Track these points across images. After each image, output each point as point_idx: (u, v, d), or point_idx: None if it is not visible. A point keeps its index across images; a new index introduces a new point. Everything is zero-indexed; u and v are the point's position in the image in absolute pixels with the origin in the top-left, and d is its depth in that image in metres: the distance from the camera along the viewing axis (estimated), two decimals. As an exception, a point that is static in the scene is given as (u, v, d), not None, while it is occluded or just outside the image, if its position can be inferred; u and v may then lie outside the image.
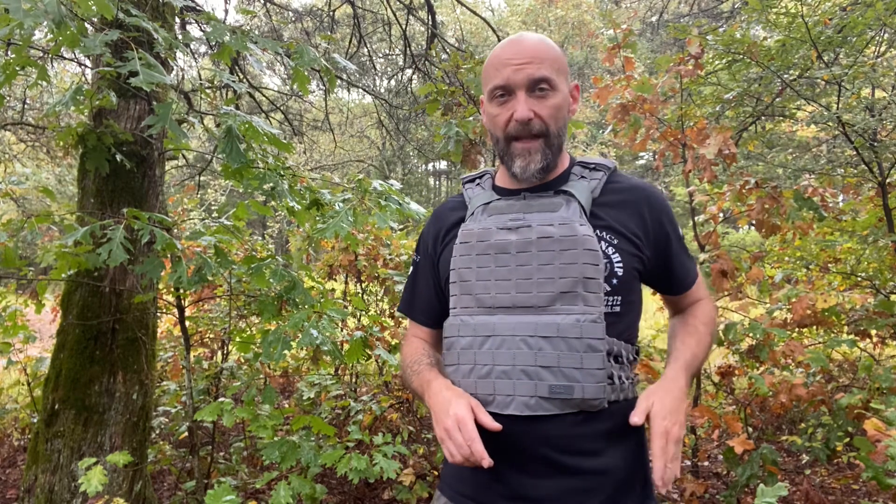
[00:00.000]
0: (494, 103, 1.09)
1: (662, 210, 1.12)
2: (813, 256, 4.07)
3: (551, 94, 1.06)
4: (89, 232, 1.89)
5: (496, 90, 1.07)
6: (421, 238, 1.26)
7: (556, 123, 1.07)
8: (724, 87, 4.04)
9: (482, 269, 1.06)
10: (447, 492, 1.12)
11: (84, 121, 2.72)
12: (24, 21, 1.47)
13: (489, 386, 1.02)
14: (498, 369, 1.01)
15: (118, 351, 2.55)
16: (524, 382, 0.99)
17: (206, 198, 10.93)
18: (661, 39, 14.91)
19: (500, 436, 0.99)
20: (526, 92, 1.05)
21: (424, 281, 1.23)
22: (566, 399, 0.98)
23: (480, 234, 1.08)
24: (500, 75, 1.06)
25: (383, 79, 14.35)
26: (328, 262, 4.00)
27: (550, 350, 0.99)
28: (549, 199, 1.07)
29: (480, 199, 1.14)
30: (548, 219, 1.04)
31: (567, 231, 1.02)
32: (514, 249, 1.04)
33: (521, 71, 1.04)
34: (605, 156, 16.53)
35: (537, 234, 1.03)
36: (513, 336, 1.01)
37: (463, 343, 1.06)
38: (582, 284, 1.00)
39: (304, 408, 3.39)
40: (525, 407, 0.99)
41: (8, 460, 3.78)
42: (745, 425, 2.93)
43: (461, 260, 1.08)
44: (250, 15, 2.94)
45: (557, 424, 1.00)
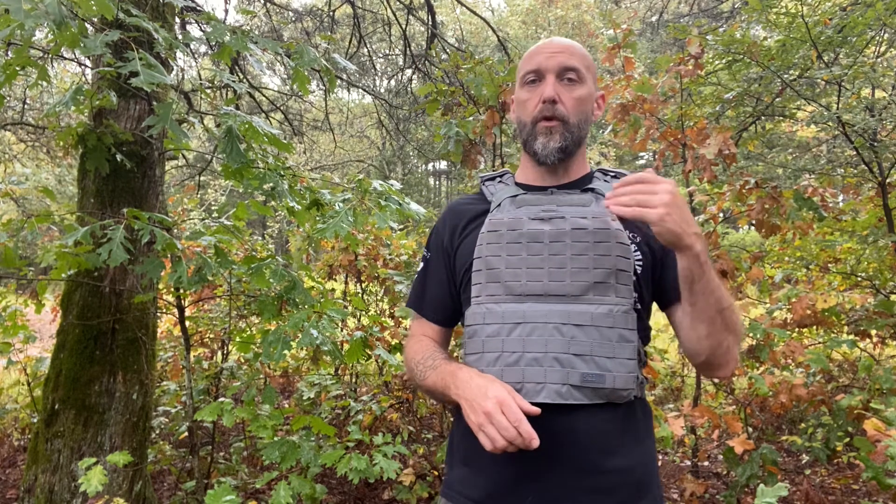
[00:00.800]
0: (525, 89, 1.13)
1: None
2: (813, 256, 4.07)
3: (578, 85, 1.11)
4: (89, 232, 1.89)
5: (528, 74, 1.12)
6: (434, 233, 1.24)
7: (577, 115, 1.11)
8: (724, 87, 4.04)
9: (512, 258, 1.06)
10: (455, 498, 1.09)
11: (84, 121, 2.72)
12: (24, 22, 1.47)
13: (517, 374, 1.00)
14: (528, 356, 1.00)
15: (118, 351, 2.55)
16: (556, 370, 0.98)
17: (206, 198, 10.93)
18: (661, 39, 14.90)
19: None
20: (555, 77, 1.10)
21: (437, 277, 1.21)
22: (597, 388, 0.98)
23: (511, 223, 1.08)
24: (534, 61, 1.12)
25: (383, 79, 14.35)
26: (328, 262, 4.00)
27: (584, 338, 0.99)
28: (579, 196, 1.10)
29: (506, 192, 1.15)
30: (581, 212, 1.06)
31: (601, 224, 1.04)
32: (547, 239, 1.05)
33: (553, 58, 1.10)
34: (605, 156, 16.51)
35: (571, 226, 1.04)
36: (546, 323, 1.00)
37: (489, 331, 1.04)
38: (615, 276, 1.01)
39: (304, 408, 3.39)
40: (557, 395, 0.98)
41: (8, 460, 3.78)
42: (745, 425, 2.93)
43: (489, 248, 1.08)
44: (250, 15, 2.94)
45: (585, 418, 0.99)
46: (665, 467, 3.75)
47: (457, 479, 1.11)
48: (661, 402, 4.84)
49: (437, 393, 1.08)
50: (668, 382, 5.05)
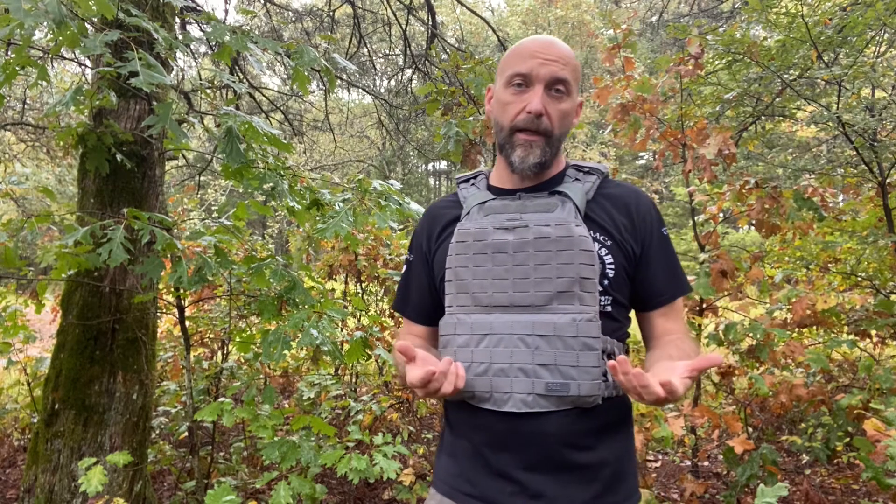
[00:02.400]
0: (510, 90, 1.09)
1: (650, 209, 1.14)
2: (813, 256, 4.07)
3: (565, 99, 1.09)
4: (89, 232, 1.89)
5: (516, 76, 1.08)
6: (414, 237, 1.27)
7: (561, 128, 1.10)
8: (724, 87, 4.04)
9: (479, 269, 1.07)
10: (442, 488, 1.13)
11: (84, 121, 2.72)
12: (24, 21, 1.47)
13: (486, 383, 1.03)
14: (495, 367, 1.03)
15: (118, 351, 2.55)
16: (521, 380, 1.01)
17: (206, 198, 10.94)
18: (661, 39, 14.91)
19: (498, 432, 1.03)
20: (544, 87, 1.07)
21: (418, 279, 1.24)
22: (562, 396, 1.00)
23: (477, 233, 1.09)
24: (525, 64, 1.07)
25: (383, 79, 14.35)
26: (328, 262, 4.00)
27: (547, 348, 1.00)
28: (545, 200, 1.09)
29: (476, 198, 1.15)
30: (544, 219, 1.06)
31: (563, 231, 1.03)
32: (511, 249, 1.05)
33: (547, 66, 1.07)
34: (605, 156, 16.51)
35: (534, 235, 1.05)
36: (510, 335, 1.02)
37: (459, 341, 1.07)
38: (578, 284, 1.01)
39: (304, 408, 3.39)
40: (522, 404, 1.01)
41: (8, 460, 3.78)
42: (745, 425, 2.93)
43: (457, 259, 1.09)
44: (250, 15, 2.94)
45: (553, 421, 1.02)
46: (665, 467, 3.75)
47: (444, 469, 1.14)
48: (661, 402, 4.83)
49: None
50: (668, 382, 5.04)
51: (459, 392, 1.04)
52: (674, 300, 1.13)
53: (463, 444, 1.11)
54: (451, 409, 1.15)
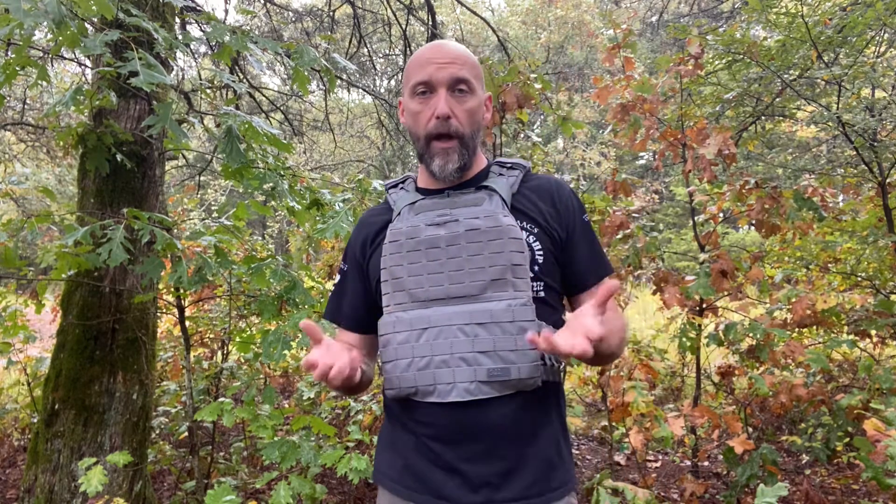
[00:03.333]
0: (416, 100, 1.13)
1: (571, 197, 1.19)
2: (813, 256, 4.07)
3: (469, 97, 1.13)
4: (89, 232, 1.89)
5: (418, 86, 1.12)
6: (348, 247, 1.29)
7: (471, 126, 1.14)
8: (724, 87, 4.04)
9: (413, 265, 1.09)
10: (389, 485, 1.15)
11: (84, 121, 2.72)
12: (24, 21, 1.47)
13: (429, 377, 1.05)
14: (437, 359, 1.05)
15: (118, 351, 2.55)
16: (463, 369, 1.03)
17: (206, 198, 10.93)
18: (661, 39, 14.91)
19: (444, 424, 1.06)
20: (447, 90, 1.11)
21: (352, 287, 1.26)
22: (504, 381, 1.03)
23: (409, 231, 1.11)
24: (424, 72, 1.11)
25: (383, 79, 14.35)
26: (328, 262, 4.00)
27: (486, 335, 1.03)
28: (473, 195, 1.13)
29: (405, 199, 1.18)
30: (474, 212, 1.10)
31: (492, 223, 1.07)
32: (443, 243, 1.09)
33: (444, 69, 1.10)
34: (605, 156, 16.49)
35: (465, 227, 1.08)
36: (449, 325, 1.05)
37: (399, 338, 1.08)
38: (511, 271, 1.05)
39: (304, 408, 3.39)
40: (466, 392, 1.03)
41: (8, 460, 3.78)
42: (745, 425, 2.93)
43: (392, 258, 1.12)
44: (250, 15, 2.94)
45: (497, 410, 1.05)
46: (665, 467, 3.75)
47: (387, 464, 1.17)
48: (661, 402, 4.84)
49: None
50: (668, 382, 5.05)
51: (401, 389, 1.08)
52: (599, 282, 1.17)
53: (406, 438, 1.13)
54: (393, 403, 1.16)
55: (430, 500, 1.08)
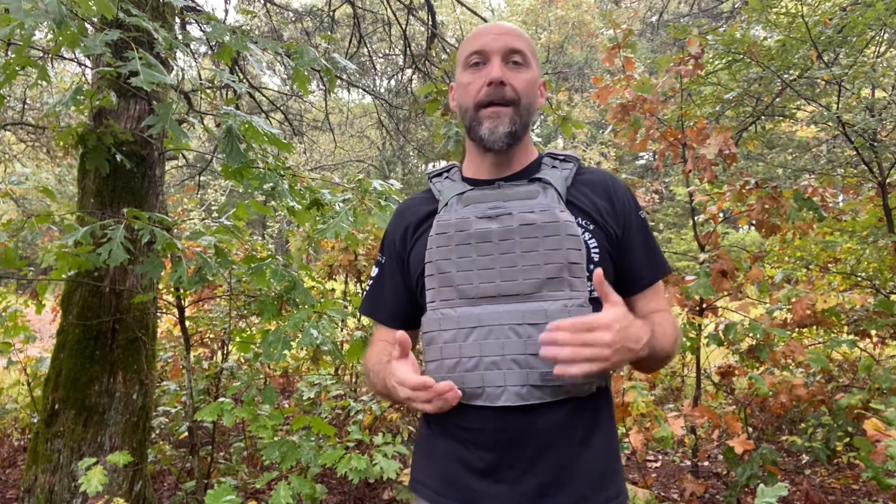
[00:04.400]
0: (468, 72, 1.08)
1: (626, 192, 1.13)
2: (813, 256, 4.07)
3: (524, 69, 1.07)
4: (89, 232, 1.89)
5: (472, 56, 1.08)
6: (386, 236, 1.22)
7: (526, 96, 1.07)
8: (724, 87, 4.04)
9: (462, 260, 1.03)
10: (426, 493, 1.08)
11: (84, 121, 2.72)
12: (25, 21, 1.47)
13: (477, 379, 0.99)
14: (486, 360, 0.99)
15: (118, 351, 2.55)
16: (515, 372, 0.97)
17: (206, 198, 10.93)
18: (661, 39, 14.90)
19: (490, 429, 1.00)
20: (501, 59, 1.06)
21: (392, 280, 1.18)
22: (557, 386, 0.97)
23: (458, 223, 1.05)
24: (478, 41, 1.07)
25: (383, 79, 14.35)
26: (328, 262, 4.00)
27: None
28: (526, 188, 1.06)
29: (453, 190, 1.12)
30: (528, 206, 1.03)
31: (549, 217, 1.01)
32: (496, 238, 1.02)
33: (499, 39, 1.06)
34: (605, 156, 16.50)
35: (519, 222, 1.02)
36: (500, 325, 0.99)
37: (446, 337, 1.02)
38: (567, 270, 0.99)
39: (304, 408, 3.39)
40: (517, 397, 0.97)
41: (8, 460, 3.78)
42: (745, 425, 2.93)
43: (438, 252, 1.05)
44: (250, 15, 2.94)
45: (547, 415, 0.99)
46: (665, 467, 3.75)
47: (423, 471, 1.11)
48: (661, 402, 4.84)
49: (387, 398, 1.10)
50: (668, 382, 5.05)
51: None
52: (654, 283, 1.12)
53: (446, 444, 1.07)
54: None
55: None
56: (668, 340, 1.04)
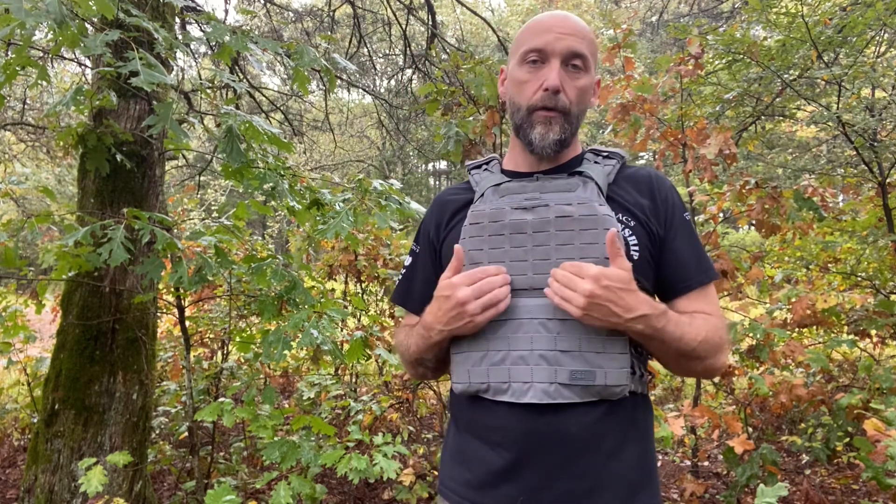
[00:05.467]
0: (525, 67, 1.04)
1: (671, 191, 1.09)
2: (813, 256, 4.07)
3: (583, 75, 1.04)
4: (89, 232, 1.89)
5: (531, 52, 1.03)
6: (421, 226, 1.20)
7: (579, 105, 1.05)
8: (724, 87, 4.04)
9: (495, 251, 1.00)
10: (452, 498, 1.05)
11: (84, 121, 2.72)
12: (25, 21, 1.47)
13: (503, 373, 0.96)
14: (514, 354, 0.96)
15: (118, 351, 2.55)
16: (543, 368, 0.94)
17: (206, 198, 10.93)
18: (661, 39, 14.90)
19: (516, 429, 0.97)
20: (561, 63, 1.02)
21: (424, 270, 1.17)
22: (587, 386, 0.93)
23: (493, 214, 1.02)
24: (540, 38, 1.02)
25: (383, 79, 14.35)
26: (328, 262, 4.00)
27: (570, 334, 0.94)
28: (565, 181, 1.03)
29: (490, 181, 1.09)
30: (566, 198, 1.00)
31: (587, 210, 0.97)
32: (530, 229, 0.99)
33: (562, 40, 1.01)
34: (605, 156, 16.49)
35: (555, 214, 0.98)
36: (531, 319, 0.96)
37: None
38: (604, 264, 0.94)
39: (304, 408, 3.39)
40: (544, 394, 0.94)
41: (8, 460, 3.78)
42: (745, 425, 2.93)
43: (471, 241, 1.03)
44: (250, 15, 2.94)
45: (577, 418, 0.95)
46: (665, 467, 3.75)
47: (450, 476, 1.08)
48: (661, 402, 4.84)
49: (423, 348, 1.07)
50: (668, 382, 5.06)
51: (470, 383, 0.99)
52: (700, 286, 1.05)
53: (472, 445, 1.03)
54: (459, 406, 1.08)
55: None
56: (694, 336, 0.97)
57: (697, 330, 0.98)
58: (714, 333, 1.00)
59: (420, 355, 1.09)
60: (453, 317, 0.96)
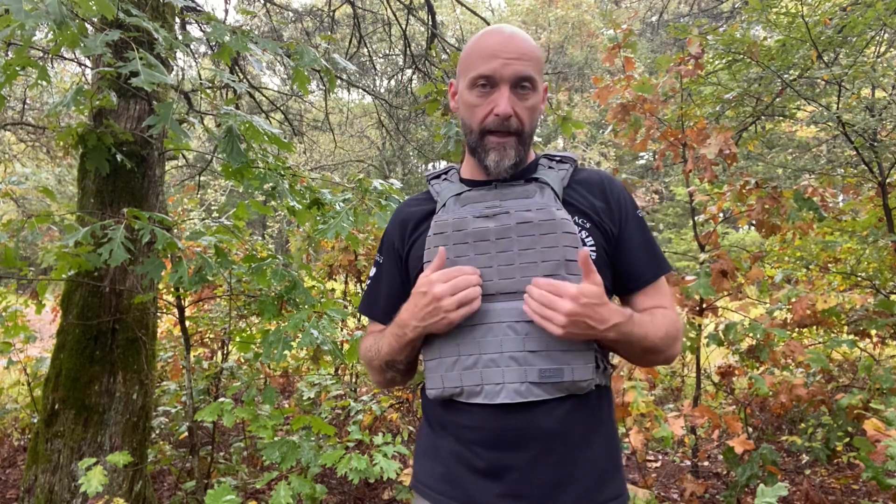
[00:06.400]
0: (475, 91, 1.07)
1: (623, 191, 1.14)
2: (813, 256, 4.07)
3: (531, 94, 1.07)
4: (90, 232, 1.89)
5: (480, 79, 1.06)
6: (384, 237, 1.24)
7: (530, 124, 1.09)
8: (724, 87, 4.04)
9: (460, 259, 1.04)
10: (426, 493, 1.10)
11: (84, 121, 2.72)
12: (26, 22, 1.47)
13: (476, 376, 1.01)
14: (485, 358, 1.00)
15: (118, 351, 2.55)
16: (513, 369, 0.99)
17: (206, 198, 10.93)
18: (661, 39, 14.91)
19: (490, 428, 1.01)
20: (510, 88, 1.05)
21: (389, 280, 1.20)
22: (556, 382, 0.98)
23: (456, 223, 1.06)
24: (488, 66, 1.04)
25: (383, 79, 14.35)
26: (328, 262, 4.00)
27: (538, 334, 0.99)
28: (523, 187, 1.08)
29: (450, 190, 1.13)
30: (525, 204, 1.04)
31: (545, 215, 1.02)
32: (493, 236, 1.03)
33: (510, 66, 1.04)
34: (605, 156, 16.48)
35: (516, 220, 1.03)
36: (499, 323, 1.00)
37: (442, 335, 1.03)
38: (564, 267, 1.00)
39: (304, 408, 3.39)
40: (516, 394, 0.98)
41: (8, 460, 3.78)
42: (745, 425, 2.94)
43: (436, 251, 1.06)
44: (250, 15, 2.94)
45: (547, 413, 1.00)
46: (665, 467, 3.75)
47: (425, 471, 1.12)
48: (661, 402, 4.84)
49: (396, 349, 1.09)
50: (668, 382, 5.05)
51: (445, 388, 1.03)
52: (655, 280, 1.13)
53: (447, 443, 1.07)
54: (432, 407, 1.12)
55: None
56: (656, 333, 1.05)
57: (658, 327, 1.06)
58: (672, 326, 1.09)
59: (392, 357, 1.12)
60: (429, 312, 1.00)
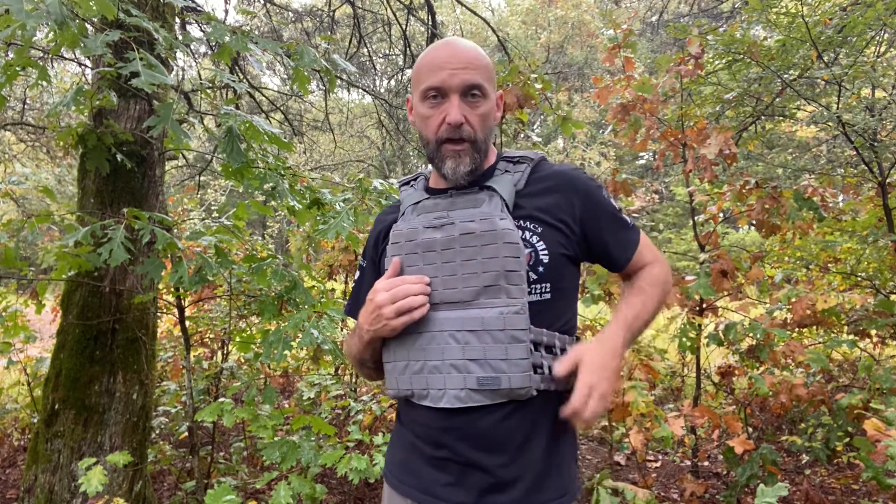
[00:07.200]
0: (426, 104, 1.11)
1: (588, 190, 1.15)
2: (813, 256, 4.07)
3: (482, 102, 1.10)
4: (90, 232, 1.89)
5: (430, 91, 1.10)
6: (367, 243, 1.31)
7: (483, 130, 1.12)
8: (724, 87, 4.04)
9: (410, 268, 1.10)
10: (390, 479, 1.18)
11: (84, 121, 2.72)
12: (26, 22, 1.47)
13: (423, 381, 1.06)
14: (429, 364, 1.05)
15: (118, 351, 2.55)
16: (454, 376, 1.03)
17: (206, 198, 10.93)
18: (661, 39, 14.91)
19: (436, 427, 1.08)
20: (459, 97, 1.09)
21: (369, 284, 1.23)
22: (494, 390, 1.02)
23: (408, 233, 1.11)
24: (436, 77, 1.08)
25: (383, 79, 14.35)
26: (328, 262, 4.00)
27: (477, 343, 1.02)
28: (474, 196, 1.11)
29: (411, 199, 1.18)
30: (469, 215, 1.07)
31: (487, 226, 1.05)
32: (439, 247, 1.08)
33: (457, 76, 1.08)
34: (604, 156, 16.47)
35: (459, 231, 1.07)
36: (441, 332, 1.05)
37: (396, 341, 1.10)
38: (504, 277, 1.03)
39: (304, 408, 3.39)
40: (456, 399, 1.03)
41: (8, 460, 3.78)
42: (745, 425, 2.94)
43: (391, 260, 1.12)
44: (250, 15, 2.94)
45: (487, 417, 1.04)
46: (665, 467, 3.75)
47: (390, 458, 1.21)
48: (661, 402, 4.84)
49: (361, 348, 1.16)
50: (668, 382, 5.05)
51: (398, 390, 1.10)
52: (633, 257, 1.18)
53: (406, 435, 1.15)
54: (399, 403, 1.20)
55: (424, 497, 1.09)
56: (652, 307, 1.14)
57: (650, 298, 1.15)
58: (661, 281, 1.18)
59: (360, 355, 1.19)
60: (374, 319, 1.07)
